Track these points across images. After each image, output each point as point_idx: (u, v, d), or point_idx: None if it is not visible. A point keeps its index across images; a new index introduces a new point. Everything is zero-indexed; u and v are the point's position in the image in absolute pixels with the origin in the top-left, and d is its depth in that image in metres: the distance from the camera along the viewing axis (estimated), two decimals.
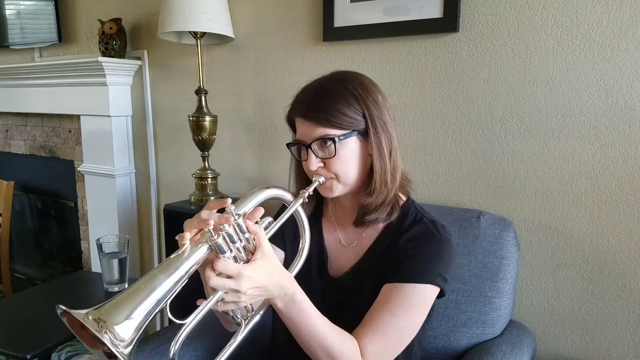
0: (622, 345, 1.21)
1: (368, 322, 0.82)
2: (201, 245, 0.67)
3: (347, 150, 0.85)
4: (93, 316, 0.58)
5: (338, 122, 0.83)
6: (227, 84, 1.82)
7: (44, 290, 1.56)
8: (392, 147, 0.88)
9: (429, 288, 0.83)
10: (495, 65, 1.29)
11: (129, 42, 2.03)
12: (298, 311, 0.75)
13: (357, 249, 0.94)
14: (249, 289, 0.68)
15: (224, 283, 0.67)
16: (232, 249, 0.69)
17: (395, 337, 0.82)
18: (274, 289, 0.72)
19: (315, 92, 0.87)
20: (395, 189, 0.90)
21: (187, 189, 1.91)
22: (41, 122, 2.48)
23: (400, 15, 1.39)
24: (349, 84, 0.86)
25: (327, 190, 0.89)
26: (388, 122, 0.88)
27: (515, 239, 1.20)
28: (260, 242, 0.72)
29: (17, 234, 2.66)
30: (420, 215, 0.93)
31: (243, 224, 0.70)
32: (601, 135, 1.18)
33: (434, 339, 1.17)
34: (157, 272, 0.64)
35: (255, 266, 0.69)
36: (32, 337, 1.19)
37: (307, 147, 0.86)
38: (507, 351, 1.09)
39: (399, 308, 0.82)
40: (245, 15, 1.73)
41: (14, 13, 2.39)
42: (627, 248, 1.18)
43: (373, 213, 0.89)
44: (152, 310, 0.62)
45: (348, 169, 0.86)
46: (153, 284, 0.63)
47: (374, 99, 0.86)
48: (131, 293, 0.62)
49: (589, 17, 1.16)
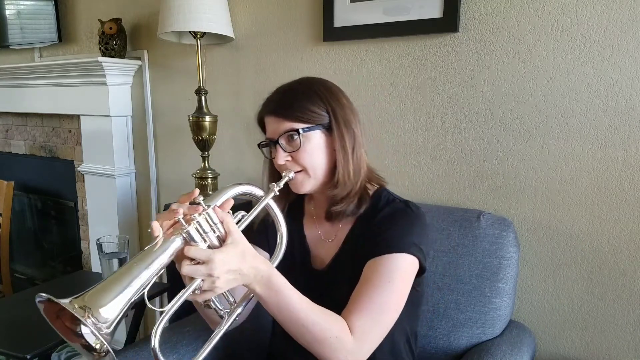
0: (622, 345, 1.21)
1: (352, 300, 0.84)
2: (174, 237, 0.69)
3: (313, 144, 0.90)
4: (78, 304, 0.62)
5: (303, 116, 0.89)
6: (227, 84, 1.82)
7: (43, 290, 1.55)
8: (356, 143, 0.93)
9: (406, 257, 0.86)
10: (495, 65, 1.29)
11: (129, 42, 2.03)
12: (276, 292, 0.76)
13: (336, 241, 0.98)
14: (222, 273, 0.69)
15: (196, 269, 0.68)
16: (206, 239, 0.71)
17: (381, 309, 0.83)
18: (248, 272, 0.73)
19: (283, 93, 0.94)
20: (360, 182, 0.94)
21: (187, 189, 1.90)
22: (41, 122, 2.48)
23: (400, 15, 1.39)
24: (314, 86, 0.93)
25: (298, 184, 0.93)
26: (351, 121, 0.93)
27: (515, 239, 1.20)
28: (230, 228, 0.73)
29: (17, 234, 2.66)
30: (392, 197, 0.97)
31: (213, 214, 0.72)
32: (601, 135, 1.18)
33: (434, 339, 1.17)
34: (133, 264, 0.67)
35: (226, 250, 0.71)
36: (32, 337, 1.19)
37: (276, 142, 0.91)
38: (507, 351, 1.09)
39: (379, 280, 0.84)
40: (245, 15, 1.73)
41: (14, 13, 2.38)
42: (627, 248, 1.18)
43: (339, 204, 0.93)
44: (131, 298, 0.65)
45: (315, 162, 0.91)
46: (131, 274, 0.66)
47: (338, 99, 0.93)
48: (111, 282, 0.65)
49: (589, 17, 1.16)
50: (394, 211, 0.92)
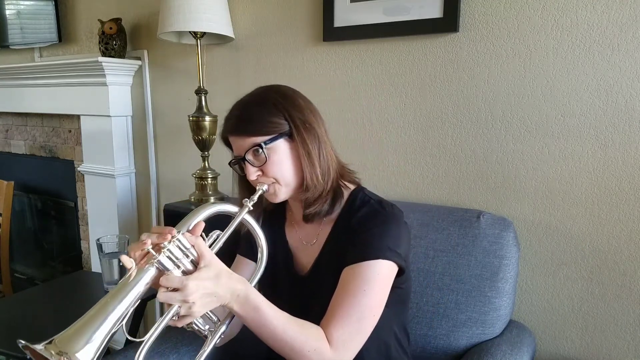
0: (622, 345, 1.21)
1: (330, 310, 0.84)
2: (147, 267, 0.70)
3: (279, 154, 0.90)
4: (54, 350, 0.62)
5: (262, 128, 0.88)
6: (227, 84, 1.82)
7: (44, 290, 1.56)
8: (320, 143, 0.92)
9: (382, 263, 0.86)
10: (495, 65, 1.29)
11: (129, 42, 2.03)
12: (254, 310, 0.76)
13: (317, 245, 0.98)
14: (197, 298, 0.69)
15: (171, 296, 0.69)
16: (180, 265, 0.71)
17: (358, 318, 0.82)
18: (224, 293, 0.73)
19: (239, 109, 0.92)
20: (331, 182, 0.94)
21: (187, 189, 1.91)
22: (41, 122, 2.48)
23: (400, 15, 1.39)
24: (266, 95, 0.92)
25: (273, 196, 0.93)
26: (312, 122, 0.92)
27: (515, 239, 1.20)
28: (201, 251, 0.73)
29: (17, 234, 2.66)
30: (368, 197, 0.96)
31: (184, 239, 0.72)
32: (601, 135, 1.18)
33: (434, 339, 1.17)
34: (108, 299, 0.67)
35: (199, 274, 0.70)
36: (32, 337, 1.19)
37: (243, 159, 0.91)
38: (507, 351, 1.09)
39: (355, 288, 0.84)
40: (245, 15, 1.73)
41: (14, 13, 2.38)
42: (627, 248, 1.18)
43: (312, 206, 0.93)
44: (107, 334, 0.65)
45: (284, 171, 0.90)
46: (106, 310, 0.66)
47: (293, 102, 0.92)
48: (86, 322, 0.65)
49: (589, 17, 1.16)
50: (367, 213, 0.92)
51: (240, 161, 0.93)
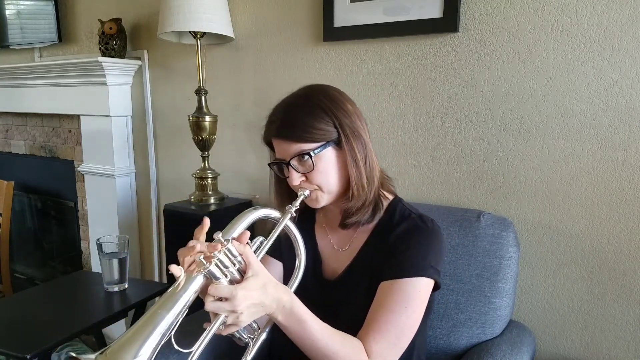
0: (622, 345, 1.21)
1: (369, 323, 0.84)
2: (196, 275, 0.70)
3: (325, 162, 0.88)
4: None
5: (311, 136, 0.86)
6: (227, 84, 1.82)
7: (44, 290, 1.56)
8: (367, 151, 0.91)
9: (423, 281, 0.86)
10: (495, 65, 1.29)
11: (129, 42, 2.03)
12: (298, 322, 0.77)
13: (350, 251, 0.97)
14: (245, 308, 0.70)
15: (219, 306, 0.69)
16: (227, 274, 0.71)
17: (397, 333, 0.83)
18: (271, 303, 0.73)
19: (285, 111, 0.89)
20: (374, 191, 0.93)
21: (187, 189, 1.91)
22: (41, 122, 2.48)
23: (400, 15, 1.39)
24: (315, 98, 0.89)
25: (313, 201, 0.92)
26: (360, 128, 0.90)
27: (515, 239, 1.20)
28: (249, 261, 0.73)
29: (17, 234, 2.66)
30: (408, 211, 0.95)
31: (233, 248, 0.72)
32: (601, 135, 1.18)
33: (434, 339, 1.17)
34: (157, 309, 0.66)
35: (247, 284, 0.71)
36: (32, 337, 1.19)
37: (287, 164, 0.89)
38: (507, 351, 1.09)
39: (396, 305, 0.83)
40: (245, 15, 1.73)
41: (14, 13, 2.38)
42: (627, 248, 1.18)
43: (354, 216, 0.92)
44: (158, 345, 0.64)
45: (329, 179, 0.89)
46: (155, 320, 0.65)
47: (342, 107, 0.89)
48: (135, 332, 0.64)
49: (589, 17, 1.16)
50: (409, 229, 0.91)
51: (283, 165, 0.90)
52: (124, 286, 1.47)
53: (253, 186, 1.82)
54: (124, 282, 1.47)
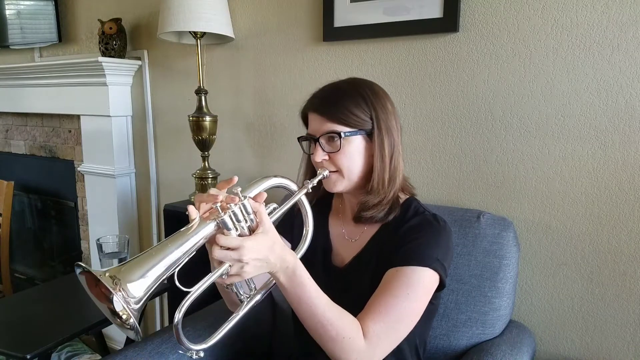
0: (622, 345, 1.21)
1: (370, 305, 0.85)
2: (209, 222, 0.72)
3: (352, 147, 0.91)
4: (110, 273, 0.65)
5: (346, 119, 0.90)
6: (227, 84, 1.82)
7: (44, 290, 1.56)
8: (395, 151, 0.93)
9: (428, 272, 0.86)
10: (495, 65, 1.29)
11: (129, 42, 2.04)
12: (299, 285, 0.78)
13: (359, 242, 0.99)
14: (251, 259, 0.71)
15: (227, 254, 0.71)
16: (237, 228, 0.73)
17: (397, 318, 0.83)
18: (275, 261, 0.75)
19: (330, 91, 0.94)
20: (394, 192, 0.95)
21: (187, 189, 1.91)
22: (41, 122, 2.48)
23: (400, 15, 1.39)
24: (361, 88, 0.93)
25: (331, 183, 0.94)
26: (393, 128, 0.93)
27: (515, 239, 1.20)
28: (262, 218, 0.75)
29: (17, 234, 2.66)
30: (422, 209, 0.97)
31: (248, 205, 0.74)
32: (601, 135, 1.18)
33: (434, 339, 1.17)
34: (167, 242, 0.70)
35: (256, 238, 0.73)
36: (32, 337, 1.19)
37: (316, 140, 0.92)
38: (507, 351, 1.09)
39: (398, 289, 0.84)
40: (245, 15, 1.73)
41: (14, 13, 2.38)
42: (627, 248, 1.18)
43: (370, 211, 0.94)
44: (162, 275, 0.67)
45: (352, 165, 0.92)
46: (164, 251, 0.68)
47: (383, 104, 0.93)
48: (144, 258, 0.68)
49: (589, 17, 1.16)
50: (420, 223, 0.93)
51: (312, 140, 0.94)
52: None
53: None
54: None
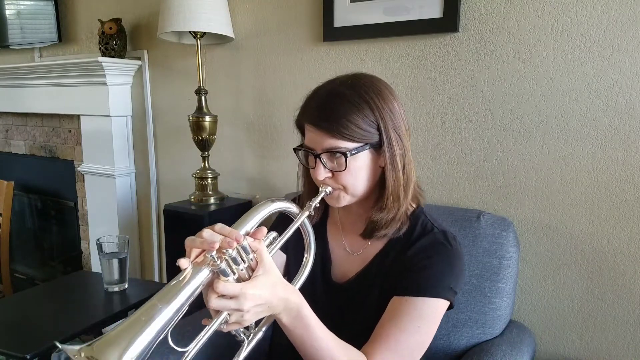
0: (622, 345, 1.21)
1: (378, 338, 0.79)
2: (203, 269, 0.63)
3: (358, 164, 0.82)
4: (86, 353, 0.53)
5: (350, 134, 0.79)
6: (227, 84, 1.82)
7: (44, 290, 1.56)
8: (406, 159, 0.85)
9: (440, 302, 0.81)
10: (495, 65, 1.29)
11: (129, 42, 2.04)
12: (304, 327, 0.72)
13: (363, 257, 0.92)
14: (251, 307, 0.64)
15: (225, 304, 0.63)
16: (236, 271, 0.66)
17: (406, 354, 0.79)
18: (278, 304, 0.68)
19: (328, 99, 0.81)
20: (407, 204, 0.87)
21: (187, 189, 1.91)
22: (41, 122, 2.48)
23: (400, 15, 1.39)
24: (365, 92, 0.81)
25: (334, 200, 0.86)
26: (403, 134, 0.85)
27: (515, 239, 1.20)
28: (262, 257, 0.68)
29: (17, 234, 2.66)
30: (431, 225, 0.89)
31: (247, 245, 0.66)
32: (601, 135, 1.18)
33: (434, 339, 1.15)
34: (156, 301, 0.60)
35: (256, 283, 0.65)
36: (32, 337, 1.19)
37: (316, 156, 0.82)
38: (507, 351, 1.09)
39: (409, 323, 0.79)
40: (245, 15, 1.73)
41: (14, 13, 2.38)
42: (627, 248, 1.18)
43: (383, 229, 0.86)
44: (153, 341, 0.58)
45: (357, 182, 0.84)
46: (152, 313, 0.58)
47: (390, 108, 0.83)
48: (128, 326, 0.57)
49: (589, 17, 1.16)
50: (431, 245, 0.85)
51: (311, 155, 0.84)
52: (124, 286, 1.46)
53: (253, 186, 1.82)
54: (124, 282, 1.47)
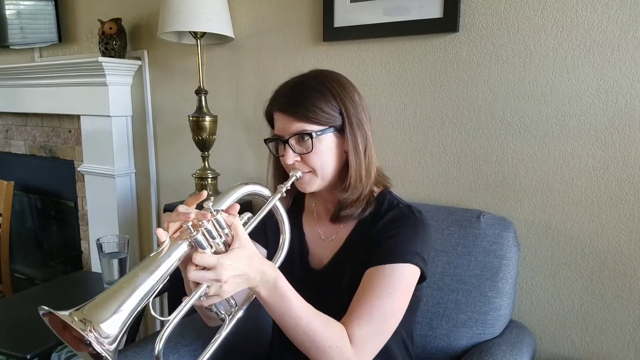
0: (622, 345, 1.21)
1: (353, 308, 0.83)
2: (181, 243, 0.68)
3: (324, 145, 0.88)
4: (78, 317, 0.58)
5: (315, 117, 0.86)
6: (227, 84, 1.82)
7: (44, 290, 1.56)
8: (367, 144, 0.91)
9: (409, 267, 0.85)
10: (495, 65, 1.29)
11: (129, 42, 2.03)
12: (281, 298, 0.75)
13: (336, 241, 0.97)
14: (229, 277, 0.68)
15: (204, 275, 0.67)
16: (212, 245, 0.70)
17: (381, 319, 0.82)
18: (255, 276, 0.72)
19: (294, 88, 0.90)
20: (370, 185, 0.93)
21: (187, 189, 1.91)
22: (41, 122, 2.48)
23: (400, 15, 1.39)
24: (327, 82, 0.89)
25: (305, 184, 0.91)
26: (364, 120, 0.91)
27: (515, 239, 1.20)
28: (237, 232, 0.72)
29: (17, 234, 2.66)
30: (396, 201, 0.95)
31: (222, 219, 0.70)
32: (601, 135, 1.18)
33: (434, 339, 1.17)
34: (138, 271, 0.64)
35: (233, 255, 0.69)
36: (32, 337, 1.19)
37: (285, 142, 0.88)
38: (507, 351, 1.09)
39: (381, 290, 0.83)
40: (245, 15, 1.73)
41: (14, 13, 2.38)
42: (627, 248, 1.18)
43: (348, 209, 0.92)
44: (135, 308, 0.62)
45: (325, 164, 0.89)
46: (135, 282, 0.63)
47: (351, 97, 0.90)
48: (114, 292, 0.62)
49: (589, 17, 1.16)
50: (396, 217, 0.91)
51: (280, 142, 0.90)
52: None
53: None
54: None
